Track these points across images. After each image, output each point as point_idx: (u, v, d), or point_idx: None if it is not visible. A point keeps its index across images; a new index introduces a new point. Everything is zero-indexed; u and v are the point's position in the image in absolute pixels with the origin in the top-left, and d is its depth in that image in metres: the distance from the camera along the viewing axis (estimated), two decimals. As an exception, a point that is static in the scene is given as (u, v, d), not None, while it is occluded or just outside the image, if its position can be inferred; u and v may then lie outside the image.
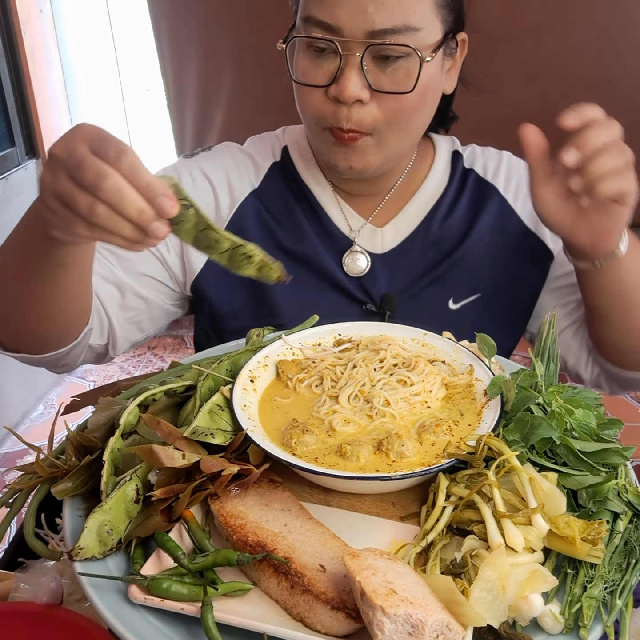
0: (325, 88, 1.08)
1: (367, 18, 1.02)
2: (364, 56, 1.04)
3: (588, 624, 0.70)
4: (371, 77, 1.05)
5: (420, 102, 1.10)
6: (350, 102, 1.06)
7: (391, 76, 1.06)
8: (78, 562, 0.75)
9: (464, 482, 0.80)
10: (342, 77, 1.05)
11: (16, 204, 3.19)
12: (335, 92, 1.06)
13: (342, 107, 1.07)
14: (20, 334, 1.11)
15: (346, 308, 1.25)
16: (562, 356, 1.28)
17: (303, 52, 1.09)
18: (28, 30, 3.18)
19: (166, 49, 3.16)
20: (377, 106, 1.08)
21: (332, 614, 0.69)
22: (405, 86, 1.06)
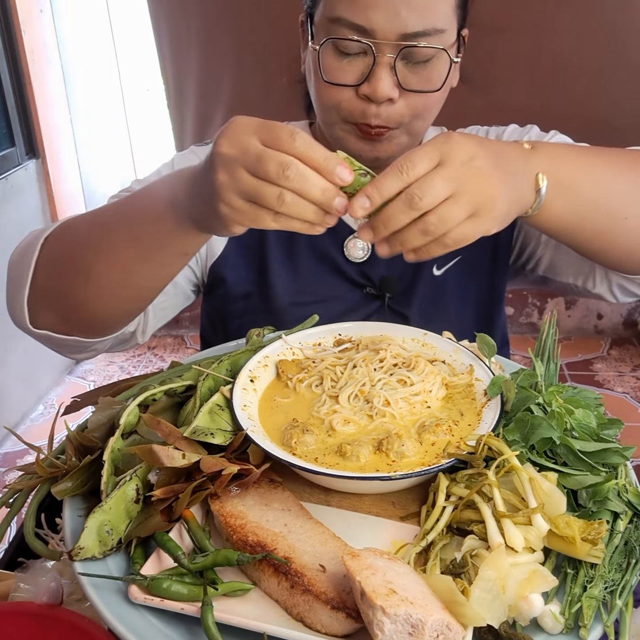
0: (355, 87, 1.10)
1: (400, 21, 1.04)
2: (396, 58, 1.06)
3: (588, 623, 0.70)
4: (401, 76, 1.08)
5: (443, 97, 1.16)
6: (381, 101, 1.09)
7: (419, 76, 1.09)
8: (78, 562, 0.75)
9: (464, 482, 0.80)
10: (374, 77, 1.07)
11: (16, 204, 3.19)
12: (368, 91, 1.08)
13: (371, 105, 1.10)
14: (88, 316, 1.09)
15: (347, 292, 1.28)
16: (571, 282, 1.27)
17: (331, 53, 1.10)
18: (28, 30, 3.18)
19: (166, 49, 3.16)
20: (404, 104, 1.11)
21: (332, 613, 0.69)
22: (434, 85, 1.10)
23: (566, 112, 2.95)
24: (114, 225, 1.03)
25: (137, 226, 0.99)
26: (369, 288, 1.28)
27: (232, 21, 3.00)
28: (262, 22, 2.88)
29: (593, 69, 2.93)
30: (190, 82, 3.21)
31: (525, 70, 2.98)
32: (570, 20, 2.85)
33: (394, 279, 1.27)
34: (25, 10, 3.16)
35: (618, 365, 3.59)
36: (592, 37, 2.87)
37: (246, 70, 3.09)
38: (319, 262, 1.29)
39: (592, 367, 3.59)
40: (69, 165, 3.60)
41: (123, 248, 1.00)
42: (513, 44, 2.90)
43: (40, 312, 1.10)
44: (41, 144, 3.34)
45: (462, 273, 1.31)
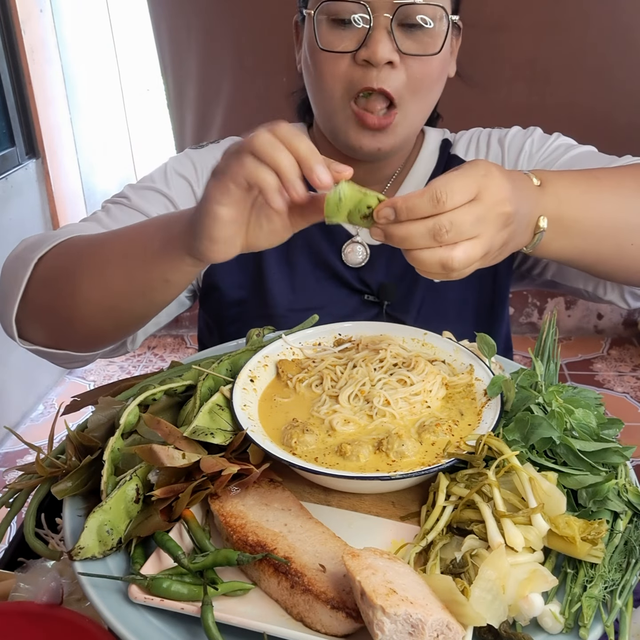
0: (353, 54, 1.09)
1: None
2: (392, 21, 1.06)
3: (588, 623, 0.70)
4: (399, 41, 1.08)
5: (441, 70, 1.14)
6: (381, 64, 1.08)
7: (417, 40, 1.09)
8: (78, 561, 0.75)
9: (464, 481, 0.80)
10: (373, 40, 1.07)
11: (16, 204, 3.19)
12: (367, 55, 1.08)
13: (371, 69, 1.09)
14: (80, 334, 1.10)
15: (345, 298, 1.27)
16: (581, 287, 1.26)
17: (326, 24, 1.10)
18: (28, 30, 3.18)
19: (166, 49, 3.16)
20: (404, 70, 1.10)
21: (332, 613, 0.69)
22: (432, 49, 1.10)
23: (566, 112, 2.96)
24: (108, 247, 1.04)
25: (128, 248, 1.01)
26: (367, 295, 1.27)
27: (232, 21, 3.01)
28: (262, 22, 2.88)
29: (593, 68, 2.93)
30: (190, 82, 3.21)
31: (525, 70, 2.98)
32: (571, 20, 2.85)
33: (393, 286, 1.26)
34: (25, 10, 3.17)
35: (618, 365, 3.59)
36: (592, 36, 2.87)
37: (246, 71, 3.09)
38: (317, 268, 1.28)
39: (592, 367, 3.59)
40: (69, 165, 3.60)
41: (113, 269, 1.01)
42: (513, 43, 2.90)
43: (30, 327, 1.10)
44: (41, 143, 3.34)
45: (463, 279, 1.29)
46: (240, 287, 1.29)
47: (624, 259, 1.05)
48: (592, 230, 1.00)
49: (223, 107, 3.20)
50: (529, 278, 1.36)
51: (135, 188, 1.27)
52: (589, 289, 1.25)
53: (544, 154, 1.26)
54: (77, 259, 1.06)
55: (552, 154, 1.25)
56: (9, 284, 1.09)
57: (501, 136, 1.32)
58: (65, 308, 1.06)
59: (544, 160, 1.25)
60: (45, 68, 3.34)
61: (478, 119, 1.43)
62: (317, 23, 1.11)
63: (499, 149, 1.30)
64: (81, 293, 1.03)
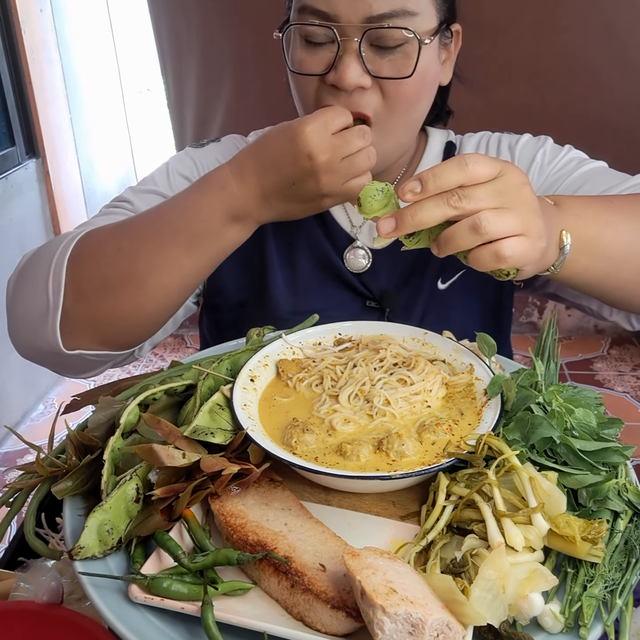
0: (323, 76, 1.07)
1: (364, 3, 1.02)
2: (362, 42, 1.03)
3: (588, 623, 0.70)
4: (370, 63, 1.05)
5: (420, 89, 1.10)
6: (350, 90, 1.06)
7: (390, 62, 1.06)
8: (78, 561, 0.75)
9: (464, 481, 0.80)
10: (341, 64, 1.04)
11: (16, 204, 3.19)
12: (334, 80, 1.06)
13: (341, 94, 1.07)
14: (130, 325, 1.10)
15: (347, 301, 1.27)
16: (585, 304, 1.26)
17: (299, 43, 1.09)
18: (28, 30, 3.18)
19: (166, 49, 3.16)
20: (377, 92, 1.07)
21: (333, 613, 0.69)
22: (405, 71, 1.06)
23: (566, 112, 2.96)
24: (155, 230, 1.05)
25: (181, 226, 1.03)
26: (369, 301, 1.26)
27: (232, 21, 3.01)
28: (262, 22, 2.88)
29: (593, 68, 2.93)
30: (190, 82, 3.21)
31: (525, 70, 2.98)
32: (571, 20, 2.85)
33: (394, 293, 1.25)
34: (25, 10, 3.17)
35: (618, 364, 3.59)
36: (592, 36, 2.87)
37: (246, 71, 3.09)
38: (320, 272, 1.27)
39: (592, 366, 3.59)
40: (69, 165, 3.60)
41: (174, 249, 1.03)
42: (513, 43, 2.90)
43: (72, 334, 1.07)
44: (41, 143, 3.34)
45: (467, 287, 1.28)
46: (242, 290, 1.29)
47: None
48: (612, 251, 0.99)
49: (223, 107, 3.20)
50: (531, 288, 1.35)
51: (136, 191, 1.25)
52: (593, 307, 1.25)
53: (556, 167, 1.24)
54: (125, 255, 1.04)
55: (563, 168, 1.23)
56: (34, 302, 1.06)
57: (512, 143, 1.29)
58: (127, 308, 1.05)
59: (556, 173, 1.23)
60: (45, 68, 3.34)
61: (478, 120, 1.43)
62: (291, 43, 1.10)
63: (509, 157, 1.28)
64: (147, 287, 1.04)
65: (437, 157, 1.31)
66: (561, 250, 0.94)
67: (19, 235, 3.21)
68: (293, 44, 1.10)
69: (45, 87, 3.34)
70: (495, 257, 0.84)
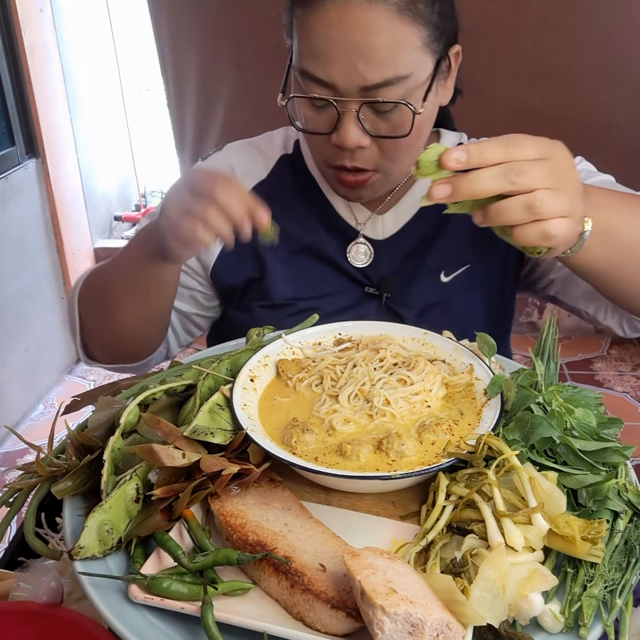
0: (327, 135, 1.12)
1: (359, 75, 1.04)
2: (360, 109, 1.07)
3: (588, 623, 0.70)
4: (368, 124, 1.09)
5: (418, 136, 1.14)
6: (351, 149, 1.11)
7: (388, 122, 1.10)
8: (78, 561, 0.76)
9: (464, 481, 0.80)
10: (342, 128, 1.09)
11: (16, 204, 3.19)
12: (337, 141, 1.11)
13: (344, 152, 1.12)
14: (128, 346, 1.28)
15: (347, 288, 1.29)
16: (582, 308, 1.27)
17: (304, 104, 1.13)
18: (28, 30, 3.18)
19: (166, 49, 3.16)
20: (377, 148, 1.12)
21: (332, 613, 0.69)
22: (402, 130, 1.10)
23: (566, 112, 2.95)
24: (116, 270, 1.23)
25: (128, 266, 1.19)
26: (368, 288, 1.28)
27: (232, 21, 3.00)
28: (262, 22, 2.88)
29: (593, 68, 2.92)
30: (190, 82, 3.20)
31: (525, 70, 2.98)
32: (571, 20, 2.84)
33: (392, 279, 1.27)
34: (25, 9, 3.16)
35: (618, 364, 3.59)
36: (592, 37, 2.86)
37: (246, 70, 3.09)
38: (321, 263, 1.29)
39: (592, 366, 3.59)
40: (69, 164, 3.60)
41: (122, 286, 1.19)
42: (513, 44, 2.90)
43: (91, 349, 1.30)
44: (41, 143, 3.34)
45: (471, 282, 1.29)
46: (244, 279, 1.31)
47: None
48: (625, 243, 1.00)
49: (223, 106, 3.20)
50: (532, 289, 1.37)
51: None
52: (589, 310, 1.26)
53: None
54: (99, 291, 1.25)
55: None
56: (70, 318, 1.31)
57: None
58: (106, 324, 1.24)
59: None
60: (45, 68, 3.34)
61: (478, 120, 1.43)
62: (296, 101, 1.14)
63: None
64: (114, 318, 1.21)
65: None
66: (581, 236, 0.94)
67: (19, 235, 3.21)
68: (298, 102, 1.14)
69: (45, 87, 3.34)
70: (542, 234, 0.85)
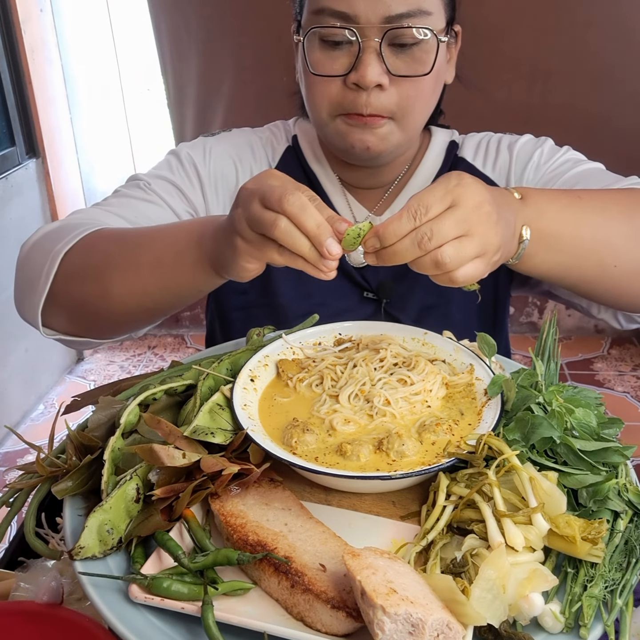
0: (343, 77, 1.10)
1: (383, 3, 1.05)
2: (382, 42, 1.06)
3: (588, 623, 0.70)
4: (389, 62, 1.08)
5: (434, 86, 1.14)
6: (370, 87, 1.08)
7: (408, 61, 1.09)
8: (78, 561, 0.76)
9: (464, 481, 0.80)
10: (362, 63, 1.07)
11: (16, 204, 3.19)
12: (356, 79, 1.08)
13: (361, 93, 1.09)
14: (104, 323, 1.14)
15: (346, 292, 1.29)
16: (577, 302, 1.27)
17: (318, 46, 1.11)
18: (28, 30, 3.18)
19: (166, 48, 3.16)
20: (395, 92, 1.10)
21: (333, 613, 0.69)
22: (423, 69, 1.10)
23: (566, 112, 2.96)
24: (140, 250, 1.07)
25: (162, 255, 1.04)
26: (367, 292, 1.28)
27: (232, 21, 3.01)
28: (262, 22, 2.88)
29: (593, 69, 2.93)
30: (190, 81, 3.21)
31: (525, 70, 2.98)
32: (571, 20, 2.85)
33: (391, 284, 1.27)
34: (25, 10, 3.16)
35: (618, 364, 3.59)
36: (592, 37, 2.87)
37: (246, 70, 3.09)
38: None
39: (593, 366, 3.59)
40: (69, 164, 3.60)
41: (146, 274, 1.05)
42: (513, 43, 2.90)
43: (54, 317, 1.13)
44: (41, 143, 3.34)
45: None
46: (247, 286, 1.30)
47: (607, 281, 1.06)
48: (573, 246, 1.01)
49: (223, 107, 3.20)
50: (528, 286, 1.37)
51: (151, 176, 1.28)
52: (583, 304, 1.27)
53: (552, 166, 1.26)
54: (108, 259, 1.08)
55: (559, 167, 1.25)
56: (33, 275, 1.11)
57: (511, 142, 1.31)
58: (94, 304, 1.09)
59: (551, 172, 1.25)
60: (45, 68, 3.34)
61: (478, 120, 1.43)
62: (308, 46, 1.12)
63: (507, 155, 1.30)
64: (112, 293, 1.07)
65: (439, 155, 1.32)
66: (520, 245, 0.97)
67: (19, 235, 3.18)
68: (310, 46, 1.12)
69: (45, 87, 3.34)
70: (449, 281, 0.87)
